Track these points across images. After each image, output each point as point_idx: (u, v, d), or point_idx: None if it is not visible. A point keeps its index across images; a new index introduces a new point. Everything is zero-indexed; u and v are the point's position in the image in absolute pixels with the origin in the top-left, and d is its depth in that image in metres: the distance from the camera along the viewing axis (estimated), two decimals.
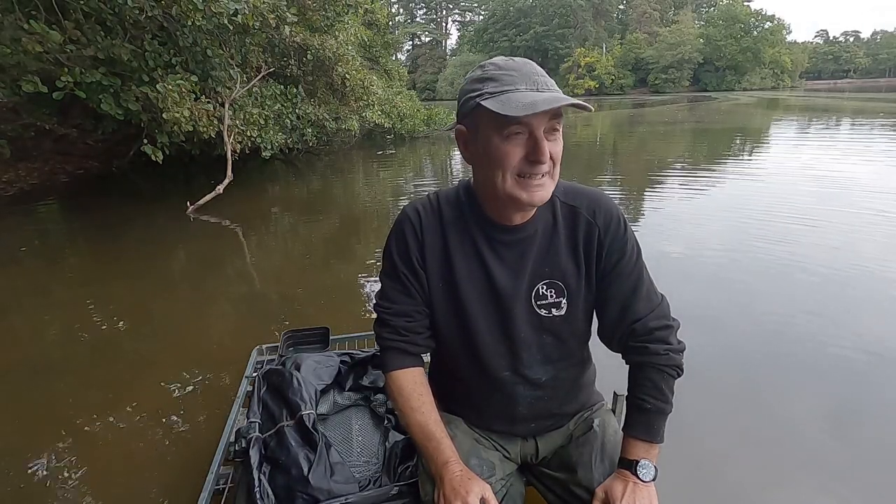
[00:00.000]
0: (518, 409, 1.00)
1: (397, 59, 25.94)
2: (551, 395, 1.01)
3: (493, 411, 1.02)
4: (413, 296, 0.96)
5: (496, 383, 0.98)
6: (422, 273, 0.95)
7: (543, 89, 0.79)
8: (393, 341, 0.97)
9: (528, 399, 0.99)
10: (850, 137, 10.68)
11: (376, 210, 5.73)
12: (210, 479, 1.21)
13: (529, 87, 0.79)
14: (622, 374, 0.99)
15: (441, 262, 0.95)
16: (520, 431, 1.04)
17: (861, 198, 4.96)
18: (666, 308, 0.95)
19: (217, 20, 5.20)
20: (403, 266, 0.96)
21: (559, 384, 1.01)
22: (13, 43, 4.52)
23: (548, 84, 0.80)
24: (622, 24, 60.73)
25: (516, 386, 0.98)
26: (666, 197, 5.75)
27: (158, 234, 4.83)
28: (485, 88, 0.80)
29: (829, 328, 2.52)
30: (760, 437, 1.77)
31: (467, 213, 0.94)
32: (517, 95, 0.78)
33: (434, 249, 0.95)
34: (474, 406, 1.04)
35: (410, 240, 0.95)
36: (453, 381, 1.05)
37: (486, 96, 0.79)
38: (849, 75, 71.74)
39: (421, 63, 65.68)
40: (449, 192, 0.99)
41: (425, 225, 0.95)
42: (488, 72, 0.82)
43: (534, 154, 0.80)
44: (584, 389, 1.08)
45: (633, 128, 16.07)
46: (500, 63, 0.83)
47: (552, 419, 1.04)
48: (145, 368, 2.37)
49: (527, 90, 0.78)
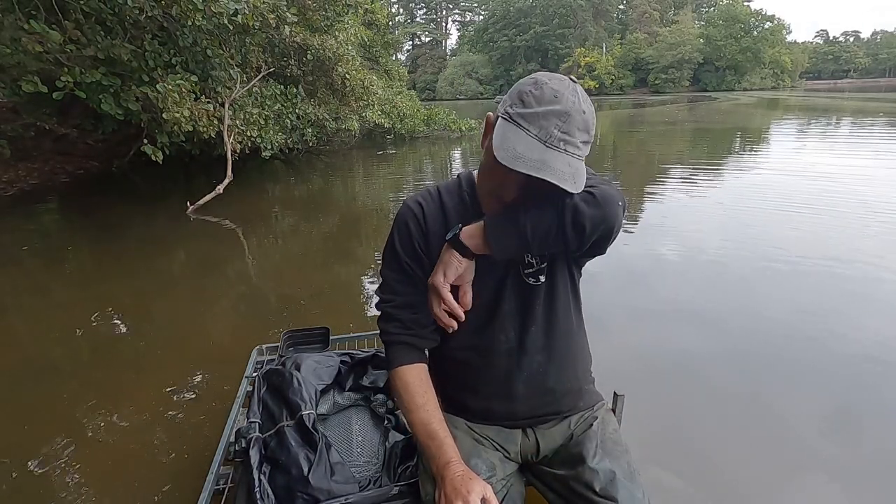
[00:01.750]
0: (516, 385, 1.01)
1: (397, 59, 25.99)
2: (546, 367, 1.02)
3: (492, 390, 1.03)
4: (416, 285, 0.98)
5: (493, 357, 1.00)
6: (425, 260, 0.97)
7: (552, 145, 0.77)
8: (399, 335, 0.98)
9: (524, 373, 1.01)
10: (851, 137, 10.68)
11: (376, 210, 5.73)
12: (210, 479, 1.21)
13: (540, 136, 0.77)
14: (622, 374, 1.00)
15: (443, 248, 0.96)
16: (519, 413, 1.04)
17: (862, 198, 4.96)
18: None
19: (217, 20, 5.20)
20: (406, 255, 0.97)
21: (554, 359, 1.02)
22: (13, 43, 4.52)
23: (562, 143, 0.77)
24: (622, 24, 60.73)
25: (512, 357, 1.00)
26: (666, 197, 5.75)
27: (158, 234, 4.83)
28: (514, 108, 0.80)
29: (830, 328, 2.52)
30: (761, 438, 1.77)
31: (468, 201, 0.98)
32: (520, 138, 0.78)
33: (437, 236, 0.96)
34: (471, 386, 1.05)
35: (413, 228, 0.97)
36: (451, 363, 1.06)
37: (507, 116, 0.81)
38: (849, 75, 71.72)
39: (421, 63, 65.70)
40: (450, 183, 1.02)
41: (428, 213, 0.98)
42: (529, 91, 0.80)
43: (499, 190, 0.86)
44: (580, 374, 1.09)
45: (633, 128, 16.07)
46: (540, 90, 0.79)
47: (549, 396, 1.04)
48: (145, 368, 2.37)
49: (534, 138, 0.77)
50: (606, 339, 2.32)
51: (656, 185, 6.49)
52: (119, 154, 8.13)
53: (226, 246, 4.50)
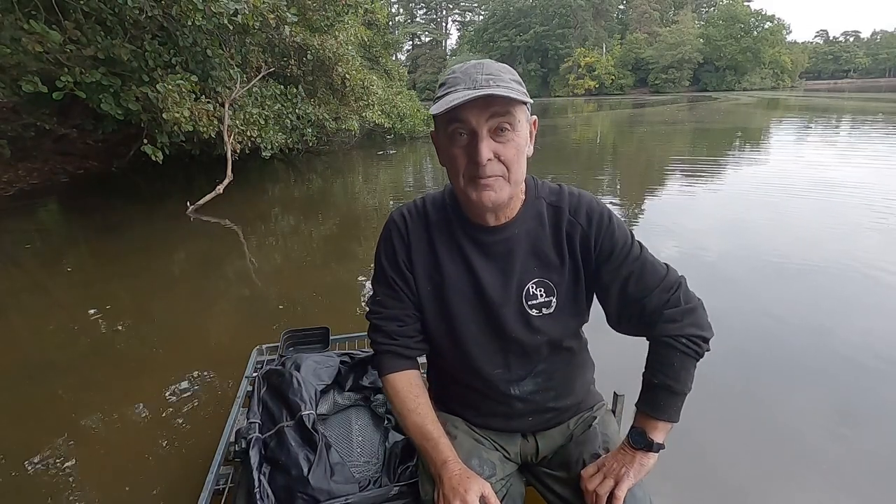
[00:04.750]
0: (514, 406, 1.01)
1: (397, 59, 25.96)
2: (546, 390, 1.01)
3: (490, 409, 1.02)
4: (402, 300, 0.97)
5: (490, 382, 0.98)
6: (410, 276, 0.96)
7: (482, 86, 0.77)
8: (386, 345, 0.98)
9: (523, 396, 1.00)
10: (851, 137, 10.67)
11: (376, 210, 5.73)
12: (210, 479, 1.21)
13: (467, 87, 0.78)
14: (622, 374, 0.99)
15: (428, 264, 0.96)
16: (518, 427, 1.04)
17: (862, 197, 4.96)
18: (673, 282, 0.91)
19: (217, 20, 5.20)
20: (391, 270, 0.97)
21: (554, 380, 1.01)
22: (13, 43, 4.52)
23: (491, 81, 0.78)
24: (622, 24, 60.73)
25: (510, 384, 0.99)
26: (666, 197, 5.75)
27: (158, 234, 4.83)
28: (438, 93, 0.83)
29: (830, 328, 2.52)
30: (761, 437, 1.77)
31: (452, 215, 0.95)
32: (451, 96, 0.78)
33: (421, 252, 0.96)
34: (471, 405, 1.04)
35: (397, 243, 0.96)
36: (449, 381, 1.05)
37: (435, 100, 0.82)
38: (849, 75, 71.72)
39: (421, 63, 65.63)
40: (436, 195, 1.00)
41: (411, 228, 0.96)
42: (444, 77, 0.84)
43: (471, 154, 0.81)
44: (581, 387, 1.08)
45: (633, 128, 16.06)
46: (456, 67, 0.83)
47: (550, 413, 1.04)
48: (145, 368, 2.37)
49: (463, 89, 0.78)
50: (606, 339, 2.30)
51: (656, 184, 6.49)
52: (119, 154, 8.13)
53: (226, 246, 4.50)
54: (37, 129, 7.14)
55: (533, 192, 0.95)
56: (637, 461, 0.90)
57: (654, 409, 0.90)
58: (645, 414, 0.91)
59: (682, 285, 0.91)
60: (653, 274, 0.91)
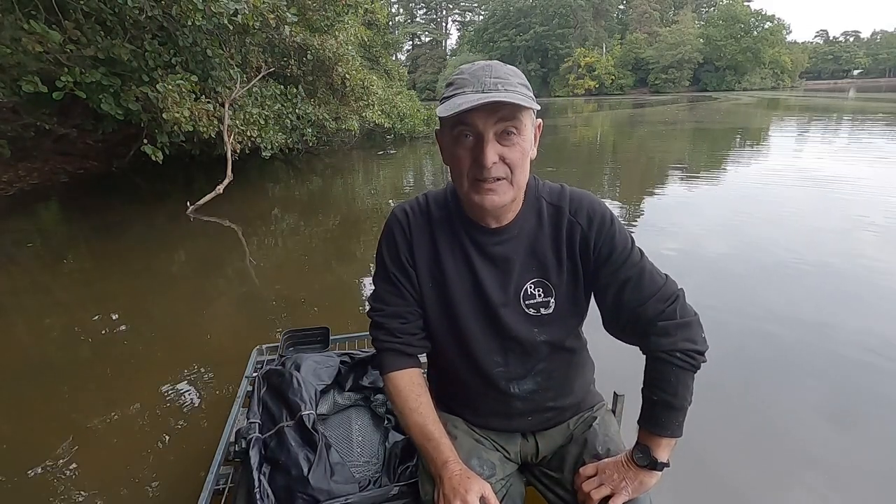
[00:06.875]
0: (514, 405, 1.01)
1: (397, 59, 25.97)
2: (546, 389, 1.01)
3: (490, 408, 1.02)
4: (405, 297, 0.96)
5: (490, 380, 0.98)
6: (412, 273, 0.96)
7: (490, 90, 0.78)
8: (388, 343, 0.97)
9: (522, 394, 1.00)
10: (851, 137, 10.67)
11: (376, 210, 5.72)
12: (210, 479, 1.21)
13: (476, 89, 0.78)
14: (622, 374, 0.99)
15: (430, 261, 0.95)
16: (518, 427, 1.04)
17: (863, 197, 4.96)
18: (670, 293, 0.89)
19: (217, 20, 5.20)
20: (393, 266, 0.96)
21: (553, 379, 1.01)
22: (13, 43, 4.53)
23: (499, 85, 0.78)
24: (622, 24, 60.75)
25: (510, 382, 0.99)
26: (666, 197, 5.75)
27: (158, 234, 4.83)
28: (445, 93, 0.83)
29: (830, 328, 2.51)
30: (761, 437, 1.77)
31: (454, 213, 0.95)
32: (459, 98, 0.78)
33: (423, 249, 0.95)
34: (471, 404, 1.04)
35: (399, 239, 0.96)
36: (450, 379, 1.05)
37: (442, 100, 0.82)
38: (849, 75, 71.70)
39: (421, 63, 65.68)
40: (438, 192, 1.00)
41: (413, 224, 0.96)
42: (451, 77, 0.84)
43: (476, 157, 0.81)
44: (581, 387, 1.08)
45: (633, 128, 16.06)
46: (464, 68, 0.83)
47: (550, 413, 1.04)
48: (145, 368, 2.37)
49: (471, 92, 0.78)
50: (606, 339, 2.30)
51: (656, 184, 6.49)
52: (119, 154, 8.13)
53: (226, 246, 4.50)
54: (37, 129, 7.13)
55: (534, 191, 0.95)
56: (638, 478, 0.90)
57: (655, 425, 0.90)
58: (647, 431, 0.91)
59: (680, 298, 0.90)
60: (650, 282, 0.90)
